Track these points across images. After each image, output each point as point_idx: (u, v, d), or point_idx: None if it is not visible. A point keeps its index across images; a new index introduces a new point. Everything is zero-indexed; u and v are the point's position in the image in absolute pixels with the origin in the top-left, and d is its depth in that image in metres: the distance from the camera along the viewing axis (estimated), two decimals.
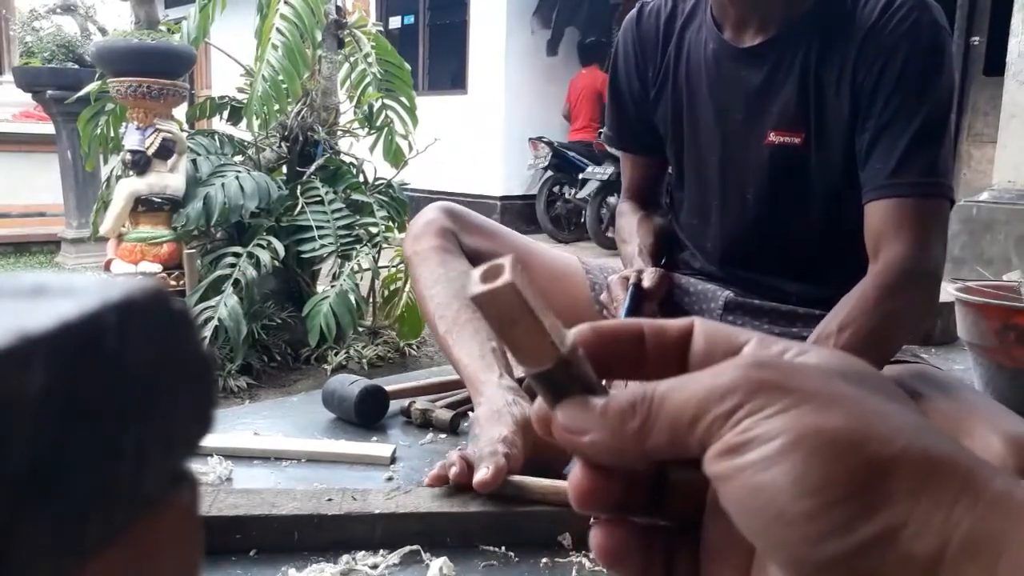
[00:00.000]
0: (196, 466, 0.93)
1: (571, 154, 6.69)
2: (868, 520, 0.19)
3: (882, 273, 1.00)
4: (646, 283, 1.12)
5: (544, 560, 0.82)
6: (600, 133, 6.44)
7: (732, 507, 0.22)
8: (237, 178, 2.79)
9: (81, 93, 3.31)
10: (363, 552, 0.80)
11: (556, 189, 6.83)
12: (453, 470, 0.86)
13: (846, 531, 0.19)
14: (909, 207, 1.01)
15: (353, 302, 2.67)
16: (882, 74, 1.03)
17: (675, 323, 0.27)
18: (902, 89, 1.02)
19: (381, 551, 0.81)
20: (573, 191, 6.66)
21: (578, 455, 0.25)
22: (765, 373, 0.22)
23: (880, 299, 0.97)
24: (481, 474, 0.83)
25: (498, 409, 0.94)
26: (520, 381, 1.09)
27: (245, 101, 2.83)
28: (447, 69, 8.29)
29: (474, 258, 1.23)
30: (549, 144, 6.68)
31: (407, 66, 3.30)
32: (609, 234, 5.87)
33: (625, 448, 0.24)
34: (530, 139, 6.92)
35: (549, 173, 6.74)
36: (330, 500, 0.84)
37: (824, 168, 1.10)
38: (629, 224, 1.32)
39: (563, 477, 0.92)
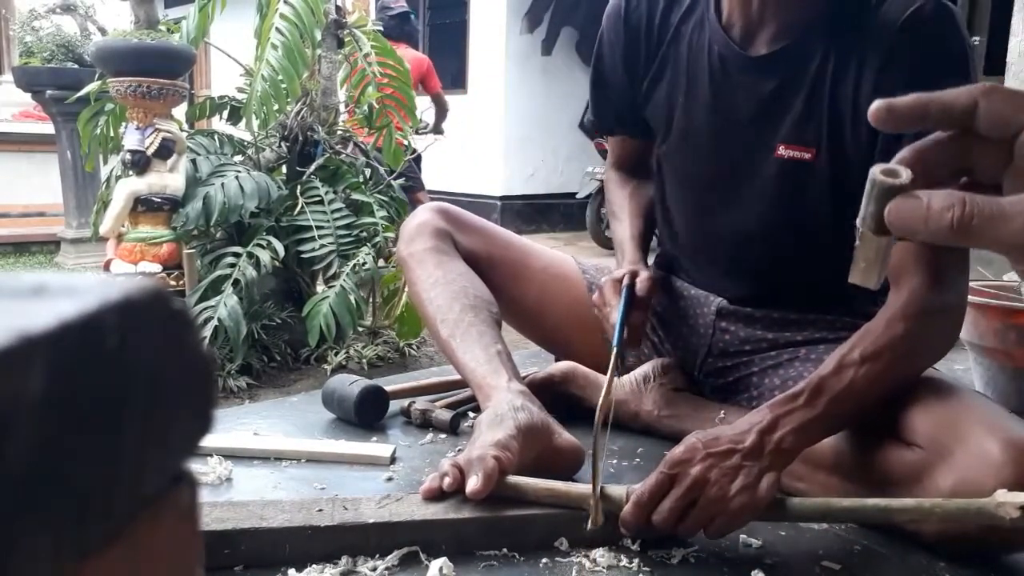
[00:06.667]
0: (196, 466, 0.93)
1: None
2: None
3: (907, 305, 0.94)
4: (639, 291, 1.10)
5: (544, 560, 0.82)
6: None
7: None
8: (237, 178, 2.79)
9: (81, 93, 3.30)
10: (362, 556, 0.80)
11: None
12: (447, 480, 0.85)
13: None
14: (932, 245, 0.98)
15: (353, 302, 2.66)
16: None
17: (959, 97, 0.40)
18: None
19: (378, 555, 0.80)
20: None
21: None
22: None
23: (906, 333, 0.92)
24: (472, 483, 0.83)
25: (501, 414, 0.93)
26: (527, 383, 1.09)
27: (244, 101, 2.83)
28: (447, 69, 8.26)
29: (470, 259, 1.23)
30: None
31: (407, 65, 3.30)
32: (608, 234, 5.85)
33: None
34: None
35: None
36: (320, 511, 0.82)
37: (835, 186, 1.06)
38: (620, 197, 1.31)
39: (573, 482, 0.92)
